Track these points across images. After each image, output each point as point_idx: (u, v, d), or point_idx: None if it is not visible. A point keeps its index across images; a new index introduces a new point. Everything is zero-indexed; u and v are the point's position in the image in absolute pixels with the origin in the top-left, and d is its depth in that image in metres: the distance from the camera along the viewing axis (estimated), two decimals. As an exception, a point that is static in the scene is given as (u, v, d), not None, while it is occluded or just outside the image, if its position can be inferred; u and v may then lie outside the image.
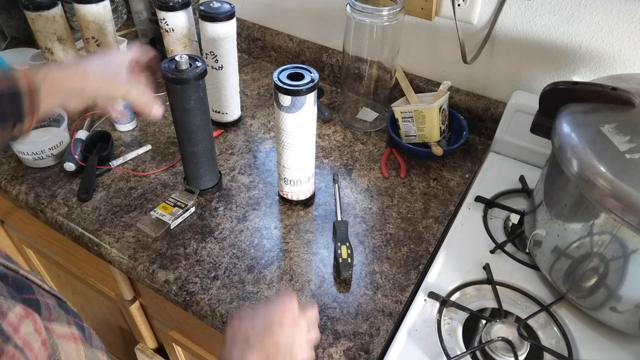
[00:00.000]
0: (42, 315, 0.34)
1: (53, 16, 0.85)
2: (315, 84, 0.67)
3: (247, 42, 1.17)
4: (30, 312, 0.32)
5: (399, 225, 0.78)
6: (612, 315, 0.60)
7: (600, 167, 0.53)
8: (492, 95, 0.94)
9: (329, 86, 1.10)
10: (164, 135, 0.94)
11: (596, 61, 0.80)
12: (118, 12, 1.22)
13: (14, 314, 0.30)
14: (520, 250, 0.74)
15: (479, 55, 0.87)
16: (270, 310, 0.51)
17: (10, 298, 0.31)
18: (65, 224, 0.78)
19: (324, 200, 0.82)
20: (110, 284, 0.95)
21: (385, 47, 0.89)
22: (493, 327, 0.62)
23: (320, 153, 0.92)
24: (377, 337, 0.64)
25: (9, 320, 0.29)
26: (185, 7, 0.86)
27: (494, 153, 0.91)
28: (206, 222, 0.78)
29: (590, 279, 0.60)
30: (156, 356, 1.08)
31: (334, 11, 1.01)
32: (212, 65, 0.87)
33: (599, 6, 0.75)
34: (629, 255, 0.54)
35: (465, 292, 0.69)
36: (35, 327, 0.32)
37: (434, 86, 0.96)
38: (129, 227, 0.76)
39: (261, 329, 0.49)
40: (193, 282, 0.69)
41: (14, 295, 0.32)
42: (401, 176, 0.87)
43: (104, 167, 0.85)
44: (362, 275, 0.71)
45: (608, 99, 0.59)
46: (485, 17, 0.85)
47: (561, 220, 0.62)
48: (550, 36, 0.82)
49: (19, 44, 1.16)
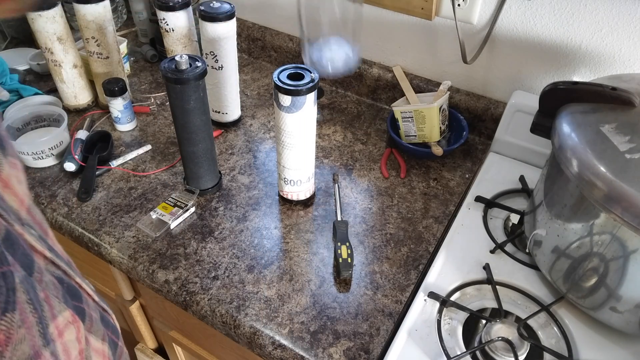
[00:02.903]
0: (85, 325, 0.34)
1: (53, 16, 0.85)
2: (315, 84, 0.67)
3: (247, 42, 1.17)
4: (77, 320, 0.32)
5: (399, 225, 0.78)
6: (612, 315, 0.60)
7: (600, 167, 0.53)
8: (492, 95, 0.94)
9: (329, 86, 1.10)
10: (164, 135, 0.94)
11: (596, 61, 0.80)
12: (118, 12, 1.22)
13: (62, 318, 0.30)
14: (520, 250, 0.74)
15: (479, 55, 0.87)
16: None
17: (64, 302, 0.31)
18: (65, 224, 0.78)
19: (324, 200, 0.82)
20: (110, 284, 0.95)
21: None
22: (493, 327, 0.62)
23: (320, 153, 0.92)
24: (377, 337, 0.64)
25: (57, 323, 0.30)
26: (185, 7, 0.86)
27: (494, 153, 0.91)
28: (206, 222, 0.78)
29: (590, 279, 0.60)
30: (156, 356, 1.08)
31: (334, 11, 1.01)
32: (212, 65, 0.87)
33: (599, 6, 0.75)
34: (629, 255, 0.54)
35: (465, 292, 0.69)
36: (77, 335, 0.32)
37: (434, 86, 0.96)
38: (129, 227, 0.76)
39: None
40: (193, 282, 0.69)
41: (67, 299, 0.32)
42: (401, 176, 0.87)
43: (104, 167, 0.85)
44: (362, 275, 0.71)
45: (608, 99, 0.59)
46: (485, 17, 0.85)
47: (561, 220, 0.62)
48: (550, 36, 0.82)
49: (19, 44, 1.16)
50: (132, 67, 1.12)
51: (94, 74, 0.95)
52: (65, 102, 0.98)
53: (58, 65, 0.91)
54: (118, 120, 0.93)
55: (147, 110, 0.99)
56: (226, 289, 0.68)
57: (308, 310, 0.66)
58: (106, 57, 0.92)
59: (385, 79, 1.01)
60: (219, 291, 0.68)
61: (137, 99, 1.02)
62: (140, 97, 1.03)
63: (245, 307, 0.66)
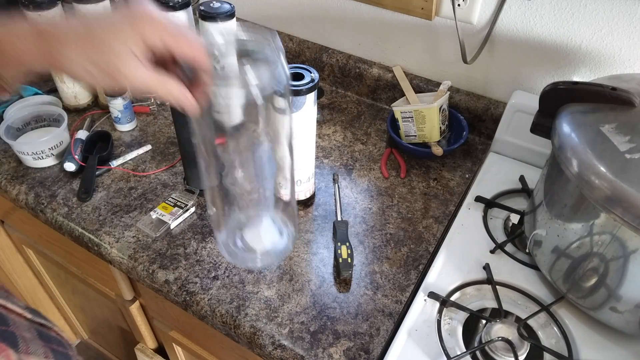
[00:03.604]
0: (20, 348, 0.32)
1: (53, 16, 0.85)
2: (315, 84, 0.67)
3: (247, 42, 1.17)
4: (4, 348, 0.31)
5: (399, 225, 0.78)
6: (612, 315, 0.60)
7: (600, 167, 0.53)
8: (492, 95, 0.94)
9: (329, 86, 1.10)
10: (164, 135, 0.94)
11: (596, 61, 0.80)
12: (118, 12, 1.22)
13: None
14: (520, 250, 0.74)
15: (479, 55, 0.87)
16: None
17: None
18: (65, 224, 0.78)
19: (324, 200, 0.82)
20: (110, 284, 0.95)
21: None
22: (493, 327, 0.62)
23: (320, 153, 0.92)
24: (377, 337, 0.64)
25: None
26: (185, 7, 0.86)
27: (494, 153, 0.91)
28: (206, 222, 0.78)
29: (590, 279, 0.60)
30: (156, 356, 1.08)
31: (334, 11, 1.01)
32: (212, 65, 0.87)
33: (599, 6, 0.75)
34: (629, 255, 0.54)
35: (465, 292, 0.69)
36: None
37: (434, 86, 0.96)
38: (129, 227, 0.76)
39: None
40: (193, 282, 0.69)
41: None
42: (401, 176, 0.87)
43: (104, 167, 0.85)
44: (362, 275, 0.71)
45: (608, 99, 0.59)
46: (485, 17, 0.85)
47: (561, 220, 0.62)
48: (550, 36, 0.82)
49: (19, 44, 1.16)
50: (132, 67, 1.12)
51: (94, 74, 0.95)
52: (65, 102, 0.98)
53: (58, 65, 0.91)
54: (118, 120, 0.93)
55: (147, 110, 0.99)
56: (226, 289, 0.68)
57: (308, 310, 0.66)
58: (106, 57, 0.92)
59: (385, 79, 1.01)
60: (219, 291, 0.68)
61: (137, 99, 1.02)
62: (140, 97, 1.03)
63: (245, 307, 0.66)
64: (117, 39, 0.39)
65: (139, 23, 0.40)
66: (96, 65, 0.40)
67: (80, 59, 0.39)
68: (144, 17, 0.40)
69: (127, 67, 0.40)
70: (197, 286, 0.69)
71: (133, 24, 0.40)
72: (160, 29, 0.41)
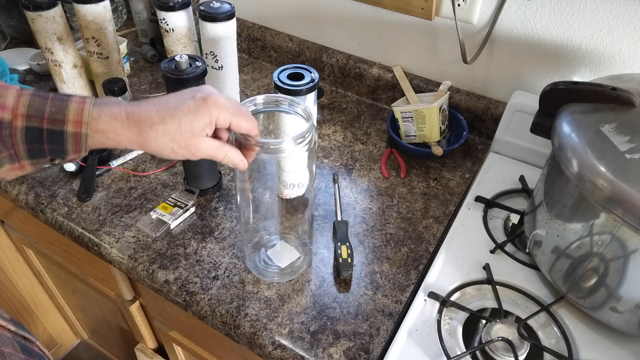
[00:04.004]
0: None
1: (53, 16, 0.85)
2: (315, 84, 0.67)
3: (247, 42, 1.17)
4: None
5: (399, 225, 0.78)
6: (612, 315, 0.60)
7: (600, 167, 0.53)
8: (492, 95, 0.94)
9: (329, 86, 1.10)
10: (164, 135, 0.94)
11: (596, 61, 0.80)
12: (118, 12, 1.22)
13: None
14: (520, 250, 0.74)
15: (479, 55, 0.87)
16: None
17: None
18: (65, 224, 0.78)
19: (324, 200, 0.82)
20: (110, 284, 0.95)
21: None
22: (493, 327, 0.62)
23: (320, 153, 0.92)
24: (377, 337, 0.64)
25: None
26: (185, 7, 0.86)
27: (494, 153, 0.91)
28: (206, 222, 0.78)
29: (590, 279, 0.60)
30: (156, 356, 1.08)
31: (334, 11, 1.01)
32: (212, 65, 0.87)
33: (599, 6, 0.75)
34: (629, 255, 0.54)
35: (465, 292, 0.69)
36: None
37: (434, 86, 0.96)
38: (129, 227, 0.76)
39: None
40: (193, 282, 0.69)
41: None
42: (401, 176, 0.87)
43: (104, 167, 0.85)
44: (362, 275, 0.71)
45: (608, 99, 0.59)
46: (485, 17, 0.85)
47: (561, 220, 0.62)
48: (550, 36, 0.82)
49: (19, 44, 1.16)
50: (132, 67, 1.12)
51: (94, 74, 0.95)
52: (65, 102, 0.97)
53: (58, 65, 0.91)
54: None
55: (147, 110, 0.99)
56: (226, 289, 0.68)
57: (308, 310, 0.66)
58: (106, 57, 0.92)
59: (385, 79, 1.01)
60: (219, 291, 0.68)
61: (137, 99, 1.02)
62: (140, 97, 1.03)
63: (245, 307, 0.66)
64: (198, 126, 0.49)
65: (212, 110, 0.49)
66: (180, 145, 0.50)
67: (167, 140, 0.49)
68: (215, 103, 0.49)
69: (202, 145, 0.50)
70: (197, 286, 0.69)
71: (209, 112, 0.49)
72: (228, 111, 0.50)
